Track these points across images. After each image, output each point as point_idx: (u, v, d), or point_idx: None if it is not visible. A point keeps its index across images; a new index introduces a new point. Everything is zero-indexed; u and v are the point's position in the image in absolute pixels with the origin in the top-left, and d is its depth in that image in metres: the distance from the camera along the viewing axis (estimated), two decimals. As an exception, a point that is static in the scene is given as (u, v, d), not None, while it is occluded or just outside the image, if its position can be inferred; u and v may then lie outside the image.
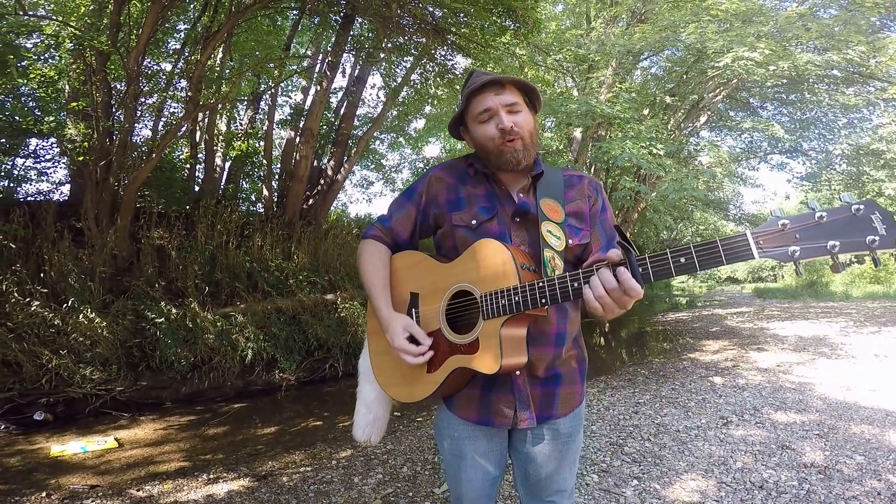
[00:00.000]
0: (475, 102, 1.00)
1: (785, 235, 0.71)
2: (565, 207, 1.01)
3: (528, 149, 1.00)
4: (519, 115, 0.99)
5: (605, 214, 1.06)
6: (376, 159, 10.78)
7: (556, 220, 0.98)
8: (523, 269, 0.90)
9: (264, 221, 6.03)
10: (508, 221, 1.00)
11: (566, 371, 1.02)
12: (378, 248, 1.07)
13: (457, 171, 1.08)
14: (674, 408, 3.48)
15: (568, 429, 1.02)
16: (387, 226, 1.09)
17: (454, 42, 5.13)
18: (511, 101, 0.98)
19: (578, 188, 1.05)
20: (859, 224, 0.68)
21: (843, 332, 6.80)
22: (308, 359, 5.04)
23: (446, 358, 0.94)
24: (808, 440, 2.76)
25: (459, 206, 1.03)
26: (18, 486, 2.52)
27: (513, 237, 1.00)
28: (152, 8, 4.05)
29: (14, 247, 3.97)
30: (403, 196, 1.11)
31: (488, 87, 0.99)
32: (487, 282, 0.91)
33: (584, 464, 2.53)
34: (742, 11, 6.67)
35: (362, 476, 2.49)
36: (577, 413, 1.04)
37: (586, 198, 1.04)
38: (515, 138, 0.98)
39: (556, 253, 0.94)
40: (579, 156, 8.51)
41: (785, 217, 0.72)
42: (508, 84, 1.00)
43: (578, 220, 1.02)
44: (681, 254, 0.76)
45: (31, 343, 3.65)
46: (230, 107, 6.65)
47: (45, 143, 5.20)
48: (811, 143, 9.93)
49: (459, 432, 1.03)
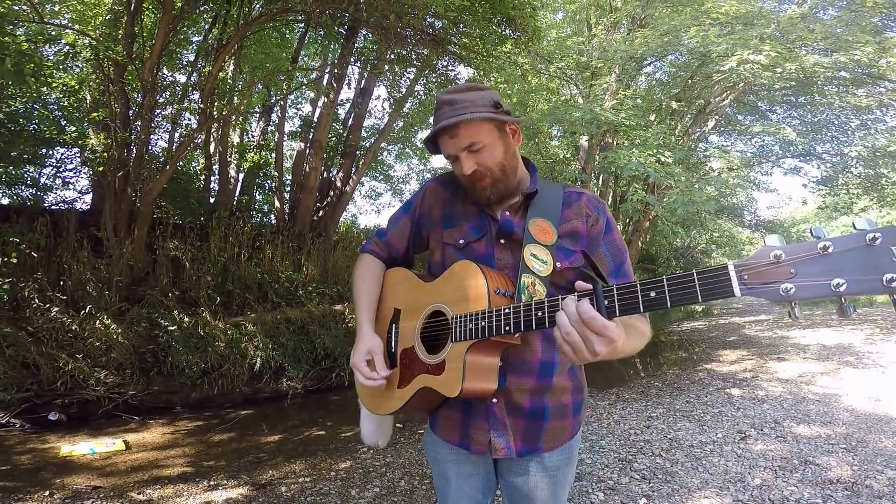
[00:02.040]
0: (440, 144, 0.95)
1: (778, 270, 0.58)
2: (559, 228, 0.94)
3: (500, 182, 0.95)
4: (481, 152, 0.92)
5: (611, 235, 0.96)
6: (384, 170, 10.95)
7: (545, 243, 0.92)
8: (497, 294, 0.87)
9: (275, 233, 6.17)
10: (495, 243, 0.97)
11: (556, 405, 0.95)
12: (371, 264, 1.09)
13: (453, 186, 1.05)
14: (688, 421, 3.37)
15: (556, 462, 0.97)
16: (383, 239, 1.11)
17: (455, 52, 5.23)
18: (467, 142, 0.91)
19: (576, 206, 0.97)
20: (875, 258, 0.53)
21: (869, 340, 6.52)
22: (315, 368, 5.08)
23: (416, 376, 0.95)
24: (833, 455, 2.63)
25: (452, 223, 1.02)
26: (25, 483, 2.58)
27: (497, 259, 0.96)
28: (163, 19, 4.23)
29: (36, 255, 4.16)
30: (401, 209, 1.12)
31: (441, 134, 0.93)
32: (460, 304, 0.90)
33: (589, 481, 2.45)
34: (742, 14, 6.65)
35: (359, 489, 2.47)
36: (566, 448, 0.98)
37: (584, 217, 0.96)
38: (481, 179, 0.93)
39: (539, 278, 0.89)
40: (586, 164, 8.48)
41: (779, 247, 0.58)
42: (462, 126, 0.90)
43: (573, 241, 0.95)
44: (652, 287, 0.66)
45: (50, 347, 3.78)
46: (243, 119, 6.88)
47: (69, 153, 5.45)
48: (825, 145, 9.70)
49: (444, 455, 1.02)
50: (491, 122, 0.92)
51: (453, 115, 0.91)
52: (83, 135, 4.85)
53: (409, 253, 1.11)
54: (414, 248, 1.11)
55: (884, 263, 0.53)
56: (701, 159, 9.27)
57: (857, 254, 0.54)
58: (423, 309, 0.97)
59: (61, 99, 5.20)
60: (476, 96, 0.93)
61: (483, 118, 0.90)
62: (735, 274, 0.60)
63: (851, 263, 0.55)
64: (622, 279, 0.95)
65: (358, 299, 1.05)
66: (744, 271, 0.60)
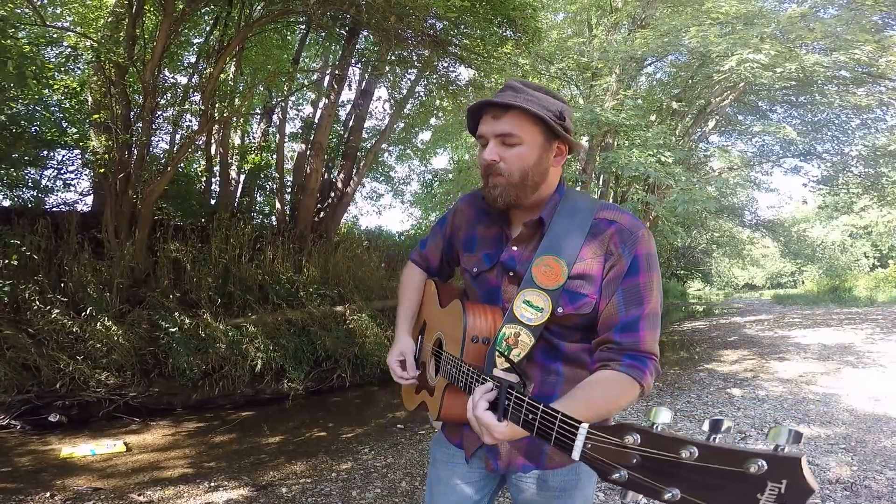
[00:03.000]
0: (480, 122, 0.88)
1: (624, 453, 0.52)
2: (573, 268, 0.81)
3: (513, 188, 0.84)
4: (514, 149, 0.83)
5: (633, 279, 0.80)
6: (385, 171, 10.95)
7: (548, 287, 0.81)
8: (474, 343, 0.85)
9: (276, 234, 6.17)
10: (504, 274, 0.90)
11: None
12: (413, 272, 1.14)
13: (476, 204, 0.99)
14: (689, 422, 3.38)
15: (559, 483, 0.90)
16: (423, 251, 1.14)
17: (456, 54, 5.24)
18: (506, 130, 0.82)
19: (600, 240, 0.82)
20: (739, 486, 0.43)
21: (869, 340, 6.54)
22: (316, 369, 5.08)
23: (422, 389, 1.04)
24: (833, 455, 2.63)
25: (471, 247, 0.98)
26: (25, 485, 2.58)
27: (504, 293, 0.90)
28: (164, 21, 4.24)
29: (37, 257, 4.16)
30: (438, 224, 1.12)
31: (487, 110, 0.85)
32: (449, 341, 0.93)
33: None
34: (742, 14, 6.66)
35: (361, 490, 2.47)
36: (573, 469, 0.90)
37: (604, 255, 0.82)
38: (496, 174, 0.85)
39: (528, 328, 0.81)
40: (587, 165, 8.48)
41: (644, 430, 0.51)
42: (512, 111, 0.82)
43: (584, 283, 0.82)
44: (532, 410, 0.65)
45: (50, 348, 3.77)
46: (244, 120, 6.89)
47: (70, 155, 5.47)
48: (825, 145, 9.72)
49: (442, 455, 1.03)
50: (543, 125, 0.83)
51: (512, 99, 0.82)
52: (84, 137, 4.86)
53: (444, 266, 1.14)
54: (448, 262, 1.13)
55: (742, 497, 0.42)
56: (701, 159, 9.28)
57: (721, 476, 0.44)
58: (435, 332, 1.04)
59: (62, 101, 5.21)
60: (546, 99, 0.85)
61: (538, 116, 0.81)
62: (583, 438, 0.57)
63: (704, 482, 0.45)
64: (629, 335, 0.79)
65: (399, 304, 1.11)
66: (592, 439, 0.56)
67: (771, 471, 0.42)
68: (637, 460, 0.51)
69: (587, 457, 0.56)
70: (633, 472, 0.51)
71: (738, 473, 0.43)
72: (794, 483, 0.40)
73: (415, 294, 1.11)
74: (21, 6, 3.91)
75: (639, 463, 0.51)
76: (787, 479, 0.41)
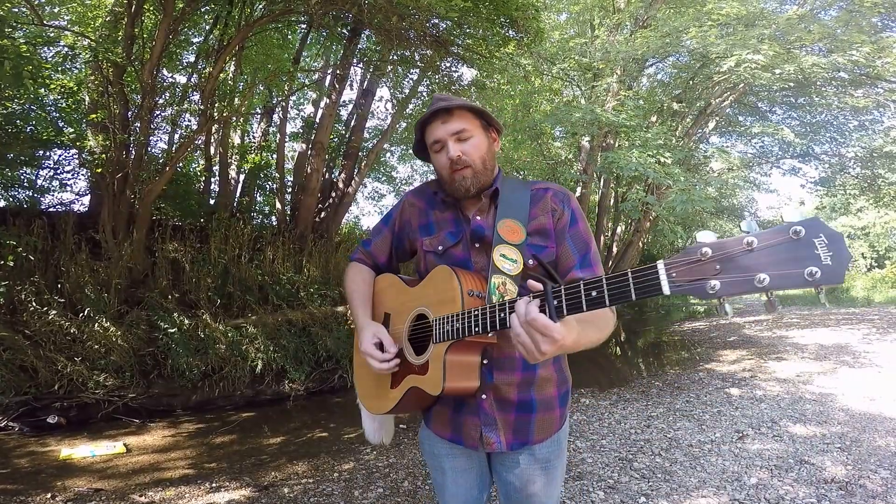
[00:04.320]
0: (428, 132, 1.01)
1: (704, 266, 0.58)
2: (528, 226, 0.98)
3: (480, 175, 0.99)
4: (468, 141, 0.98)
5: (576, 227, 0.99)
6: (387, 171, 10.94)
7: (514, 242, 0.95)
8: (470, 296, 0.91)
9: (276, 234, 6.14)
10: (470, 246, 1.01)
11: (542, 397, 1.00)
12: (360, 269, 1.16)
13: (427, 196, 1.10)
14: (687, 421, 3.39)
15: (545, 454, 1.00)
16: (367, 249, 1.17)
17: (458, 54, 5.24)
18: (459, 128, 0.97)
19: (542, 203, 1.01)
20: (799, 251, 0.53)
21: (865, 340, 6.57)
22: (317, 370, 5.05)
23: (405, 376, 1.00)
24: (828, 454, 2.66)
25: (430, 231, 1.06)
26: (25, 486, 2.55)
27: (473, 262, 1.00)
28: (164, 21, 4.22)
29: (33, 258, 4.12)
30: (382, 221, 1.17)
31: (436, 116, 0.99)
32: (439, 307, 0.94)
33: (590, 480, 2.46)
34: (743, 15, 6.70)
35: (363, 490, 2.46)
36: (555, 439, 1.01)
37: (550, 212, 1.00)
38: (464, 167, 0.97)
39: (510, 277, 0.92)
40: (588, 165, 8.50)
41: (707, 243, 0.58)
42: (456, 110, 0.98)
43: (542, 237, 0.98)
44: (593, 286, 0.68)
45: (48, 350, 3.73)
46: (243, 120, 6.86)
47: (67, 154, 5.43)
48: (823, 146, 9.80)
49: (438, 449, 1.05)
50: (481, 117, 1.01)
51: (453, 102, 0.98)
52: (81, 136, 4.82)
53: (392, 262, 1.18)
54: (396, 257, 1.17)
55: (806, 257, 0.52)
56: (701, 160, 9.32)
57: (781, 248, 0.54)
58: (410, 312, 1.02)
59: (59, 100, 5.16)
60: (467, 101, 1.02)
61: (475, 109, 1.00)
62: (664, 272, 0.60)
63: (775, 257, 0.54)
64: (587, 270, 0.97)
65: (352, 300, 1.10)
66: (672, 269, 0.60)
67: (809, 231, 0.53)
68: (718, 266, 0.57)
69: (677, 284, 0.60)
70: (722, 277, 0.57)
71: (791, 241, 0.54)
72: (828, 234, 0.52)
73: (366, 287, 1.12)
74: (18, 5, 3.88)
75: (721, 267, 0.57)
76: (822, 231, 0.53)
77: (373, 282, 1.14)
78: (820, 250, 0.52)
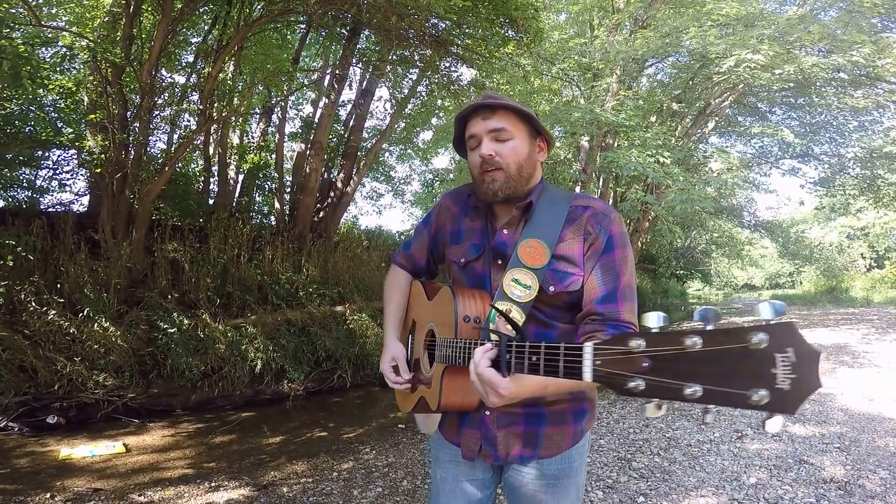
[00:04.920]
0: (467, 127, 0.96)
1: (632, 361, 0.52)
2: (555, 248, 0.89)
3: (513, 181, 0.91)
4: (506, 143, 0.90)
5: (610, 255, 0.88)
6: (385, 171, 10.94)
7: (533, 266, 0.88)
8: (465, 322, 0.88)
9: (275, 234, 6.14)
10: (492, 262, 0.96)
11: (553, 410, 0.94)
12: (398, 276, 1.14)
13: (461, 201, 1.05)
14: (686, 421, 3.39)
15: (554, 471, 0.94)
16: (407, 253, 1.15)
17: (457, 54, 5.24)
18: (498, 126, 0.90)
19: (577, 224, 0.90)
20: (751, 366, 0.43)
21: (865, 340, 6.58)
22: (316, 369, 5.05)
23: (419, 385, 1.03)
24: (827, 454, 2.66)
25: (458, 239, 1.02)
26: (25, 486, 2.56)
27: (492, 280, 0.94)
28: (162, 21, 4.21)
29: (33, 258, 4.12)
30: (422, 223, 1.14)
31: (477, 112, 0.93)
32: (442, 327, 0.94)
33: (588, 479, 2.47)
34: (743, 16, 6.69)
35: (362, 489, 2.47)
36: (566, 456, 0.95)
37: (583, 235, 0.89)
38: (495, 168, 0.90)
39: (518, 304, 0.87)
40: (587, 165, 8.50)
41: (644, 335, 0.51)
42: (500, 109, 0.90)
43: (568, 263, 0.89)
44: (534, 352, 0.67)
45: (47, 350, 3.73)
46: (243, 120, 6.86)
47: (66, 155, 5.43)
48: (822, 146, 9.79)
49: (444, 454, 1.05)
50: (528, 122, 0.93)
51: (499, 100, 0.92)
52: (80, 137, 4.82)
53: (431, 265, 1.15)
54: (434, 260, 1.14)
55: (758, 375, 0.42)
56: (700, 160, 9.33)
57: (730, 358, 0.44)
58: (426, 325, 1.04)
59: (58, 101, 5.16)
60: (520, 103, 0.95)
61: (524, 112, 0.92)
62: (590, 358, 0.57)
63: (718, 367, 0.45)
64: (609, 305, 0.86)
65: (386, 309, 1.12)
66: (600, 356, 0.56)
67: (773, 341, 0.42)
68: (648, 364, 0.50)
69: (599, 374, 0.56)
70: (647, 377, 0.50)
71: (746, 351, 0.43)
72: (799, 348, 0.41)
73: (401, 297, 1.12)
74: (16, 6, 3.87)
75: (650, 366, 0.50)
76: (792, 346, 0.41)
77: (408, 288, 1.13)
78: (780, 369, 0.41)
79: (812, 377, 0.41)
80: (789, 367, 0.41)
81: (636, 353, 0.51)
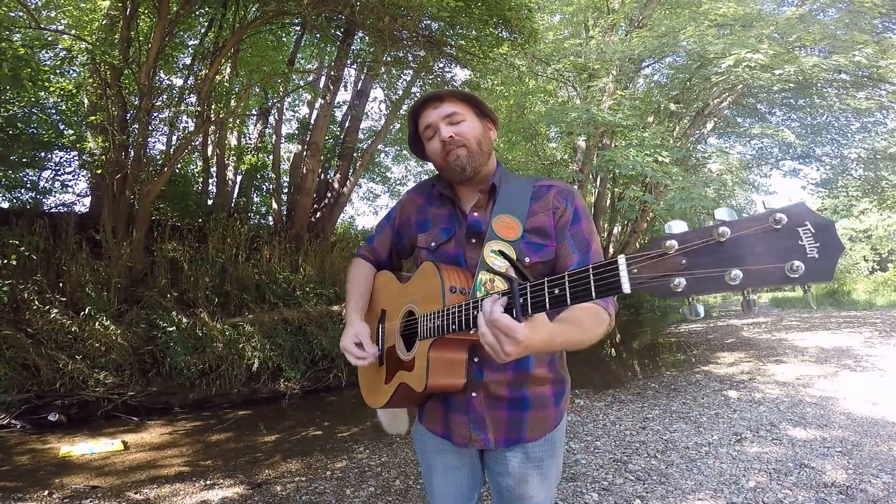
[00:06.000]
0: (420, 121, 1.02)
1: (669, 261, 0.51)
2: (526, 222, 0.95)
3: (475, 155, 0.97)
4: (461, 124, 0.97)
5: (577, 225, 0.96)
6: (381, 172, 10.97)
7: (509, 238, 0.92)
8: (452, 293, 0.89)
9: (273, 234, 6.20)
10: (465, 242, 0.99)
11: (536, 395, 0.98)
12: (361, 265, 1.17)
13: (425, 192, 1.10)
14: (684, 423, 3.36)
15: (539, 453, 0.98)
16: (371, 246, 1.18)
17: (451, 54, 5.25)
18: (450, 111, 0.97)
19: (544, 200, 0.97)
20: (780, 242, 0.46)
21: (867, 343, 6.48)
22: (313, 368, 5.10)
23: (396, 372, 1.00)
24: (829, 458, 2.60)
25: (426, 227, 1.06)
26: (24, 483, 2.61)
27: (467, 258, 0.98)
28: (159, 24, 4.26)
29: (35, 258, 4.19)
30: (384, 218, 1.18)
31: (427, 104, 0.99)
32: (425, 303, 0.94)
33: (584, 481, 2.45)
34: (741, 16, 6.63)
35: (354, 488, 2.48)
36: (549, 438, 0.99)
37: (551, 210, 0.96)
38: (458, 146, 0.96)
39: (500, 274, 0.89)
40: (584, 165, 8.49)
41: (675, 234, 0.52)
42: (447, 96, 0.98)
43: (540, 235, 0.95)
44: (556, 284, 0.63)
45: (49, 348, 3.81)
46: (240, 121, 6.90)
47: (67, 156, 5.50)
48: (824, 148, 9.69)
49: (430, 445, 1.05)
50: (473, 104, 1.01)
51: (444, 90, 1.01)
52: (81, 138, 4.88)
53: (393, 259, 1.19)
54: (397, 254, 1.18)
55: (789, 248, 0.45)
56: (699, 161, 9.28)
57: (759, 239, 0.47)
58: (401, 308, 1.02)
59: (59, 103, 5.24)
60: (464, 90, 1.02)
61: (467, 96, 1.00)
62: (625, 268, 0.55)
63: (751, 250, 0.47)
64: None
65: (348, 295, 1.13)
66: (634, 264, 0.54)
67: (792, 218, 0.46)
68: (685, 261, 0.50)
69: (638, 280, 0.54)
70: (688, 273, 0.50)
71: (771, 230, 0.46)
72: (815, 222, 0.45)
73: (364, 284, 1.13)
74: (15, 9, 3.93)
75: (688, 262, 0.50)
76: (808, 219, 0.45)
77: (372, 278, 1.15)
78: (805, 241, 0.45)
79: (835, 241, 0.44)
80: (812, 237, 0.45)
81: (671, 253, 0.51)
